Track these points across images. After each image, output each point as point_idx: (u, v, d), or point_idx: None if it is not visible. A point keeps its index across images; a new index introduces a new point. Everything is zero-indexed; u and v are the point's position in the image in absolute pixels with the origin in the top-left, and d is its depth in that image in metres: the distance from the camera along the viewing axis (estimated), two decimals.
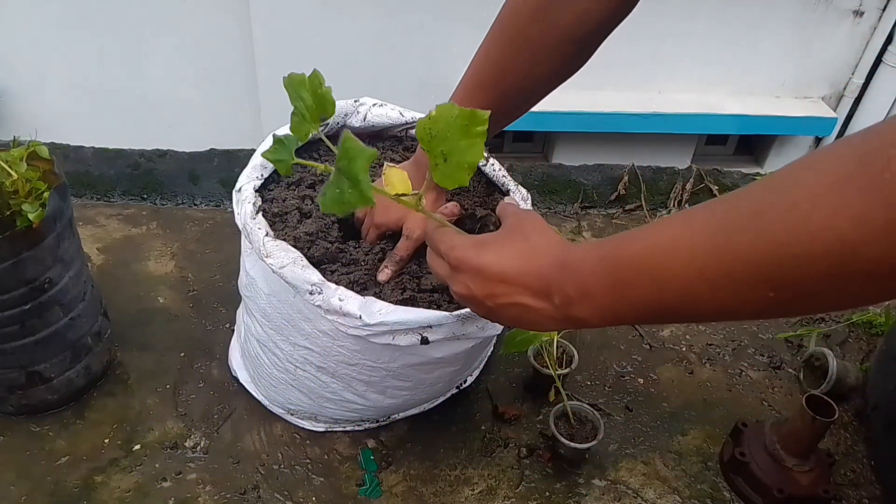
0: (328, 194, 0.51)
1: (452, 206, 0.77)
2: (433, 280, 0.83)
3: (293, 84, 0.56)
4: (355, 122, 0.98)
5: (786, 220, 0.40)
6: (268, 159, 0.57)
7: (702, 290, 0.45)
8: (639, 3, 0.69)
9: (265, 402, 1.00)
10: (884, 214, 0.36)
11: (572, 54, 0.71)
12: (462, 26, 1.54)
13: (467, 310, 0.77)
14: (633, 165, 1.50)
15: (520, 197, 0.95)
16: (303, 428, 0.99)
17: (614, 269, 0.50)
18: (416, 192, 0.59)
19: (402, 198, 0.58)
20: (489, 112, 0.53)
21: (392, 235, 0.87)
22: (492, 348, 1.09)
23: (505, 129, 0.82)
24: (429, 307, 0.80)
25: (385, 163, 0.63)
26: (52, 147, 1.37)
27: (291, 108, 0.56)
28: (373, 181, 0.53)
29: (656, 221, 0.51)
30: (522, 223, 0.59)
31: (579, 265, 0.53)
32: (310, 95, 0.55)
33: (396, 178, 0.58)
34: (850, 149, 0.39)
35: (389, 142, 1.03)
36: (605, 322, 0.52)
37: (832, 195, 0.38)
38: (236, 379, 1.04)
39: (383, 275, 0.83)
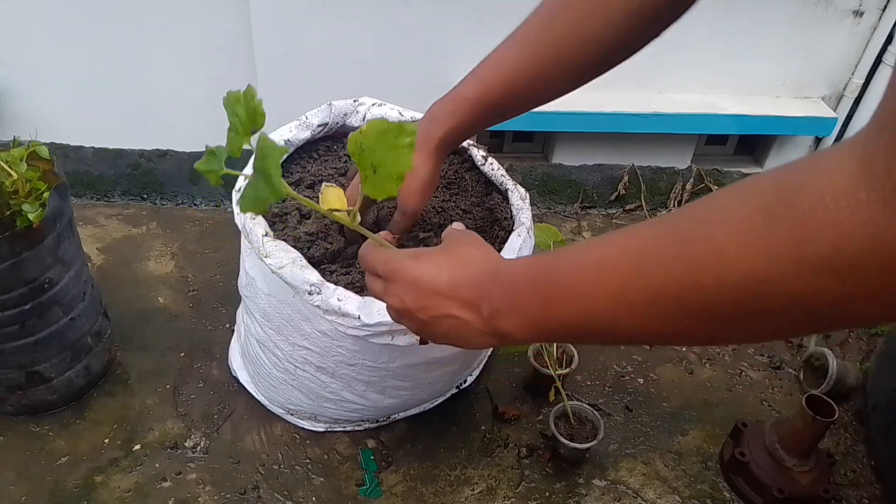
0: (247, 195, 0.50)
1: (385, 234, 0.75)
2: None
3: (230, 101, 0.55)
4: (354, 121, 0.98)
5: (702, 250, 0.40)
6: (200, 170, 0.56)
7: (623, 314, 0.45)
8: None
9: (265, 402, 1.00)
10: (794, 250, 0.35)
11: (640, 25, 0.66)
12: (462, 26, 1.54)
13: None
14: (633, 165, 1.50)
15: (518, 196, 0.94)
16: (303, 428, 0.99)
17: (543, 286, 0.50)
18: (351, 208, 0.58)
19: (336, 213, 0.57)
20: (417, 125, 0.53)
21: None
22: (492, 348, 1.09)
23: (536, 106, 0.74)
24: None
25: (324, 183, 0.62)
26: (52, 147, 1.37)
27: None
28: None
29: (590, 240, 0.51)
30: (460, 239, 0.59)
31: (511, 278, 0.53)
32: (243, 110, 0.55)
33: (332, 195, 0.59)
34: (770, 182, 0.38)
35: None
36: (530, 338, 0.52)
37: (745, 228, 0.37)
38: (236, 379, 1.04)
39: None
